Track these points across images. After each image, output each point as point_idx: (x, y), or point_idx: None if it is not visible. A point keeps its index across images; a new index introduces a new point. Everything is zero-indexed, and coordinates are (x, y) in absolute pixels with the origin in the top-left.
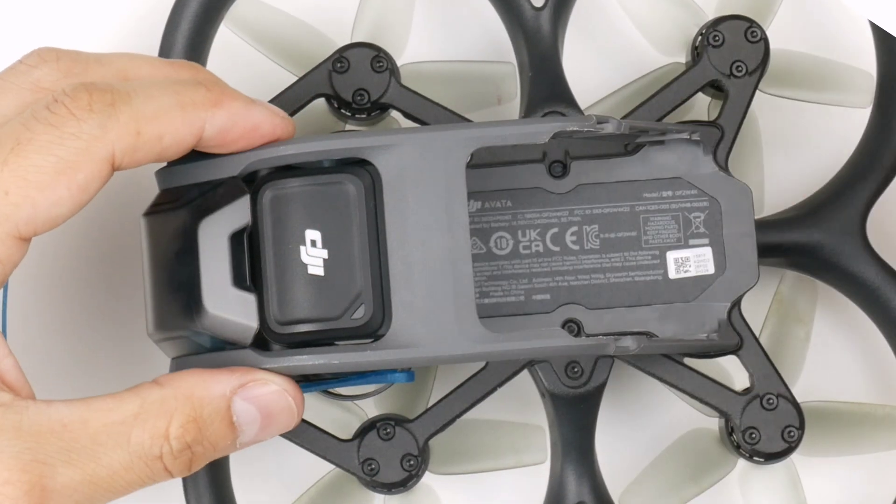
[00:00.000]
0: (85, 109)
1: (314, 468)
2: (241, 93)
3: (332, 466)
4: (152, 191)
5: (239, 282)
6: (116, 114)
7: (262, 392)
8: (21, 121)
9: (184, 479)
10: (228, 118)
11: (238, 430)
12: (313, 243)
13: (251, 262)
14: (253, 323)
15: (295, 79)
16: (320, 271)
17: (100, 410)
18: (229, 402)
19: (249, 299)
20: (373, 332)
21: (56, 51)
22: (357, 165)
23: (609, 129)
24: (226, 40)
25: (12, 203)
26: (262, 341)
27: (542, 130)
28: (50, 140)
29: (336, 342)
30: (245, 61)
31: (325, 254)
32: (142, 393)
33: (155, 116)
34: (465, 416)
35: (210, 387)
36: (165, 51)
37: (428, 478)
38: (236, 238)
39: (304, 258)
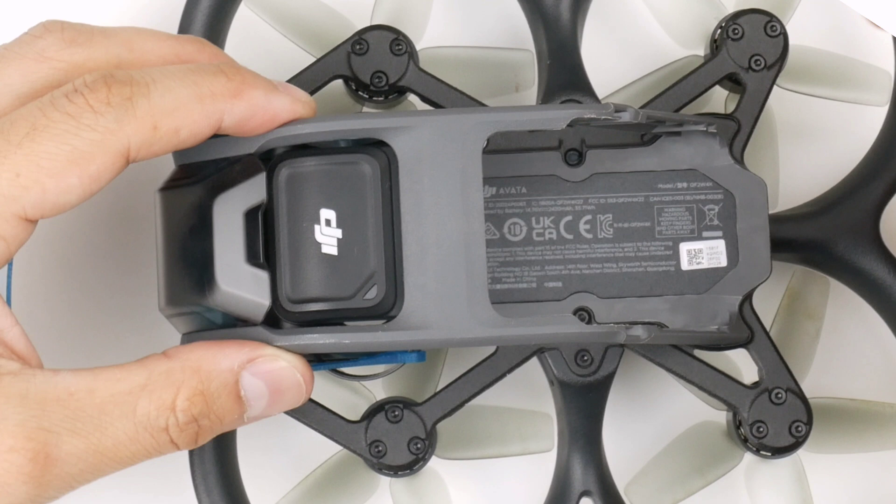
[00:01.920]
0: (103, 102)
1: (321, 449)
2: (262, 78)
3: (340, 447)
4: (168, 166)
5: (252, 259)
6: (134, 108)
7: (272, 367)
8: (39, 106)
9: (190, 456)
10: (248, 108)
11: (245, 404)
12: (328, 222)
13: (265, 239)
14: (265, 300)
15: (313, 59)
16: (334, 251)
17: (107, 380)
18: (237, 377)
19: (262, 276)
20: (384, 312)
21: (61, 22)
22: (373, 146)
23: (626, 118)
24: (245, 19)
25: (22, 185)
26: (274, 319)
27: (559, 117)
28: (66, 129)
29: (347, 322)
30: (264, 41)
31: (339, 233)
32: (149, 364)
33: (173, 110)
34: (472, 402)
35: (219, 360)
36: (184, 28)
37: (434, 462)
38: (251, 215)
39: (319, 237)
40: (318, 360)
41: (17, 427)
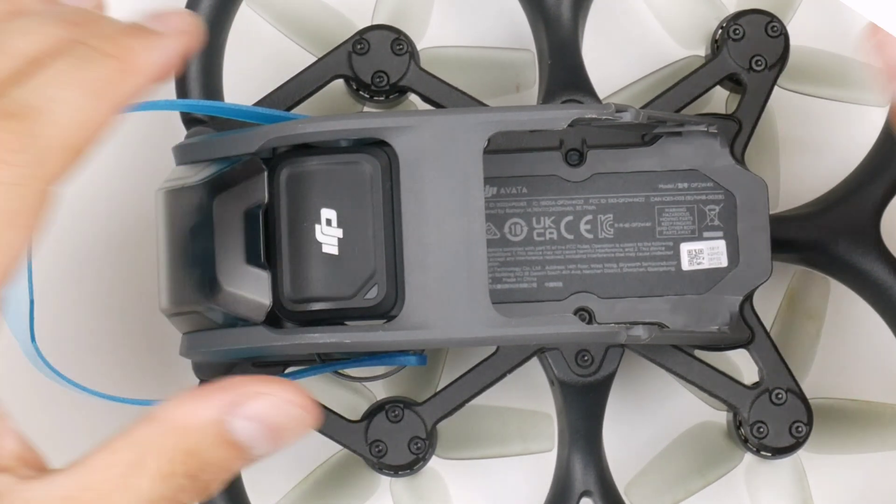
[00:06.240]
0: (8, 150)
1: (321, 449)
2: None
3: (340, 447)
4: (168, 165)
5: (253, 259)
6: (45, 139)
7: (260, 407)
8: None
9: None
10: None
11: (243, 448)
12: (328, 222)
13: (266, 239)
14: (266, 300)
15: (314, 59)
16: (335, 250)
17: (99, 470)
18: (223, 426)
19: (263, 276)
20: (385, 312)
21: None
22: (374, 146)
23: (627, 118)
24: (246, 19)
25: None
26: (275, 319)
27: (560, 117)
28: None
29: (348, 322)
30: (265, 41)
31: (339, 233)
32: (136, 437)
33: (83, 124)
34: (473, 402)
35: (199, 414)
36: None
37: (434, 462)
38: (252, 215)
39: (319, 237)
40: (319, 360)
41: None
